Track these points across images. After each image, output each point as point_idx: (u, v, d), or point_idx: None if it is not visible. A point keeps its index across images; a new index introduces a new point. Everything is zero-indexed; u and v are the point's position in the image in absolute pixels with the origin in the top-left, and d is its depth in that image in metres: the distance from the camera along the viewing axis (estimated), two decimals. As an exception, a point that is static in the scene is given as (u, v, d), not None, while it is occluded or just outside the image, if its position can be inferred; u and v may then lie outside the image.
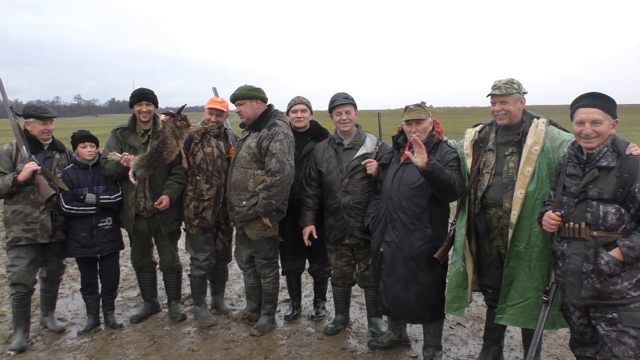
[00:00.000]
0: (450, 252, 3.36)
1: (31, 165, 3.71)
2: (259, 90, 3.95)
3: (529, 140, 3.00)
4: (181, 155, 4.02)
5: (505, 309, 3.13)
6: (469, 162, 3.24)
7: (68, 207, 3.90)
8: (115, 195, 4.09)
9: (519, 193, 2.97)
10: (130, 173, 3.85)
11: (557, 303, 2.93)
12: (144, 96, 4.14)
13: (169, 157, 3.87)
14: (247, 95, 3.89)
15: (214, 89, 4.69)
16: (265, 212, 3.80)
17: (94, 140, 4.10)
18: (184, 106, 3.88)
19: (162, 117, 3.77)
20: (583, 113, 2.59)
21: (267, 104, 4.02)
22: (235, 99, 3.93)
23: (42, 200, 3.72)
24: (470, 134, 3.32)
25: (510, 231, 3.00)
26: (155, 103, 4.23)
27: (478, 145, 3.25)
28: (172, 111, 3.83)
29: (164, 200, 4.08)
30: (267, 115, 3.93)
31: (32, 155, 3.82)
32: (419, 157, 3.07)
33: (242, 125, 4.08)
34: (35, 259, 3.91)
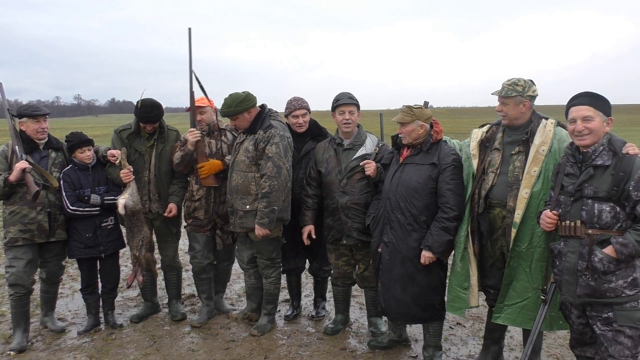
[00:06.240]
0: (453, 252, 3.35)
1: (20, 164, 3.68)
2: (245, 100, 3.83)
3: (537, 140, 2.99)
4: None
5: (503, 308, 3.13)
6: (475, 162, 3.21)
7: (73, 208, 3.90)
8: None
9: (524, 192, 2.95)
10: (121, 205, 3.89)
11: (555, 304, 2.93)
12: (146, 119, 4.09)
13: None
14: (236, 111, 3.81)
15: (189, 29, 4.03)
16: (268, 221, 3.73)
17: (90, 142, 4.10)
18: None
19: None
20: (575, 111, 2.64)
21: (260, 104, 3.97)
22: (226, 116, 3.90)
23: (29, 198, 3.68)
24: (477, 134, 3.30)
25: (514, 230, 2.98)
26: (159, 119, 4.18)
27: (484, 145, 3.23)
28: None
29: (173, 209, 4.19)
30: (262, 117, 3.89)
31: (26, 155, 3.79)
32: (426, 259, 3.25)
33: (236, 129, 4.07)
34: (33, 259, 3.90)
